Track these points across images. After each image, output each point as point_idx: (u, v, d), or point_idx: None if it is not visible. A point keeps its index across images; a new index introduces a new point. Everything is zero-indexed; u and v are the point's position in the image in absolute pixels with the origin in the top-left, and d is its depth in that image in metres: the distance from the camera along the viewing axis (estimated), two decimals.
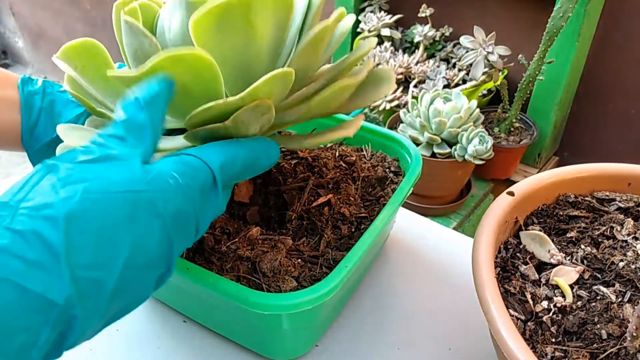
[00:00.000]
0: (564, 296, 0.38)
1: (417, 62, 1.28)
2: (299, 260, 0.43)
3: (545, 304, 0.38)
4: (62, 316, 0.25)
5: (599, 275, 0.40)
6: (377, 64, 1.29)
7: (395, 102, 1.20)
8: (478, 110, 1.06)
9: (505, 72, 1.25)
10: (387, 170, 0.52)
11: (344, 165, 0.51)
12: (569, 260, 0.41)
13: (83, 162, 0.28)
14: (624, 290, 0.38)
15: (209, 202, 0.32)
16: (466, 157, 1.03)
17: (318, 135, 0.38)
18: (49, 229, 0.25)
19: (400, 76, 1.25)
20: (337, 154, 0.52)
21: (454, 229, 1.01)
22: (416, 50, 1.32)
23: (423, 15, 1.29)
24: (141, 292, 0.29)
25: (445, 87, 1.22)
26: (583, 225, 0.44)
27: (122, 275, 0.27)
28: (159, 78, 0.30)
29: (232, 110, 0.31)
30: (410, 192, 0.48)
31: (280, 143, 0.37)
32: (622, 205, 0.46)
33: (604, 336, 0.35)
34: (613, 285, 0.39)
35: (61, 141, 0.39)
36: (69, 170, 0.27)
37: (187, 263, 0.39)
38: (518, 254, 0.43)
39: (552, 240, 0.43)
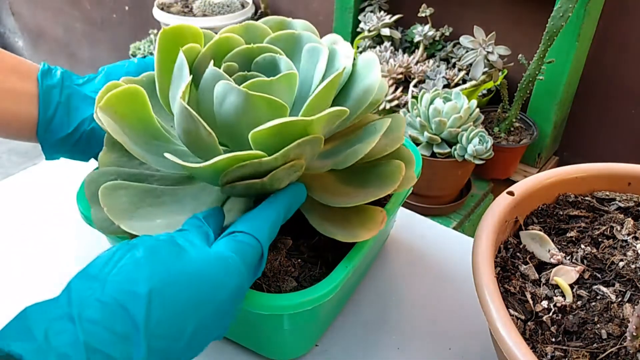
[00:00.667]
0: (564, 296, 0.38)
1: (417, 62, 1.28)
2: (299, 260, 0.43)
3: (545, 303, 0.38)
4: None
5: (599, 275, 0.40)
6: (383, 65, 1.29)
7: (395, 102, 1.20)
8: (478, 110, 1.06)
9: (505, 72, 1.25)
10: None
11: None
12: (569, 260, 0.41)
13: (161, 246, 0.32)
14: (624, 290, 0.38)
15: (255, 271, 0.35)
16: (466, 157, 1.03)
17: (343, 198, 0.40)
18: (133, 303, 0.28)
19: (400, 76, 1.25)
20: None
21: (454, 229, 1.01)
22: (416, 50, 1.32)
23: (423, 15, 1.29)
24: (195, 353, 0.32)
25: (445, 87, 1.22)
26: (583, 225, 0.44)
27: (187, 343, 0.30)
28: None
29: (265, 168, 0.36)
30: (410, 192, 0.48)
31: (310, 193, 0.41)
32: (622, 205, 0.46)
33: (604, 336, 0.35)
34: (613, 285, 0.39)
35: (76, 136, 0.45)
36: (150, 250, 0.31)
37: None
38: (518, 254, 0.43)
39: (552, 240, 0.43)
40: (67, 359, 0.26)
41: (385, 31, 1.33)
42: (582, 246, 0.42)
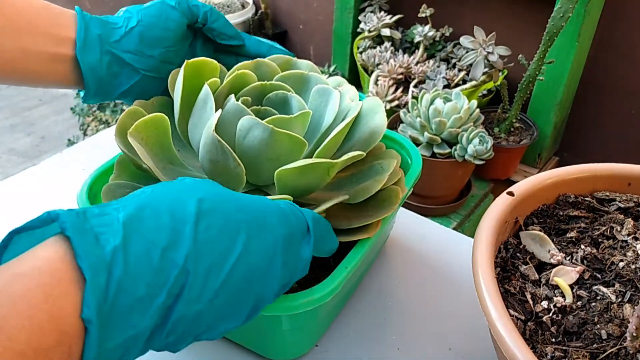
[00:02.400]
0: (564, 296, 0.38)
1: (417, 62, 1.28)
2: None
3: (545, 304, 0.38)
4: (179, 278, 0.27)
5: (599, 275, 0.40)
6: (378, 64, 1.29)
7: (396, 102, 1.20)
8: (478, 110, 1.06)
9: (505, 72, 1.25)
10: None
11: None
12: (569, 260, 0.41)
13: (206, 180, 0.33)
14: (624, 290, 0.38)
15: (303, 249, 0.34)
16: (466, 157, 1.03)
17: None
18: (182, 206, 0.29)
19: (400, 76, 1.25)
20: None
21: (454, 229, 1.01)
22: (416, 51, 1.32)
23: (423, 15, 1.29)
24: (240, 307, 0.31)
25: (445, 87, 1.22)
26: (583, 225, 0.44)
27: (234, 267, 0.29)
28: None
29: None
30: (411, 192, 0.48)
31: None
32: (622, 205, 0.46)
33: (604, 336, 0.35)
34: (613, 285, 0.39)
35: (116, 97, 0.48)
36: (195, 180, 0.32)
37: None
38: (518, 254, 0.43)
39: (552, 240, 0.43)
40: (101, 235, 0.26)
41: (386, 31, 1.33)
42: (582, 246, 0.42)
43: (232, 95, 0.42)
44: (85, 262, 0.25)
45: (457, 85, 1.22)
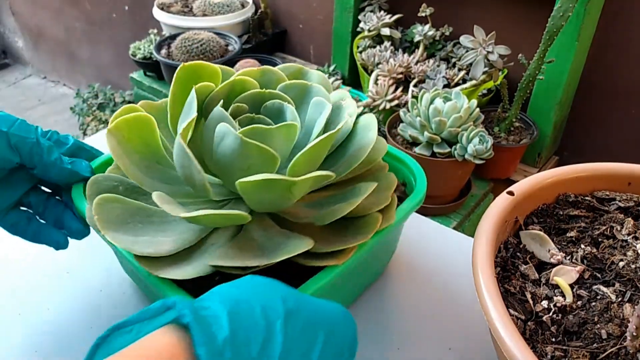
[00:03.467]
0: (564, 296, 0.38)
1: (417, 62, 1.28)
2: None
3: (545, 303, 0.38)
4: None
5: (599, 275, 0.40)
6: (378, 63, 1.29)
7: (395, 102, 1.20)
8: (478, 109, 1.06)
9: (505, 71, 1.25)
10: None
11: None
12: (569, 259, 0.41)
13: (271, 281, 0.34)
14: (624, 290, 0.38)
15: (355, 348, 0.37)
16: (466, 156, 1.03)
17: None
18: (271, 311, 0.31)
19: (400, 76, 1.25)
20: None
21: (454, 228, 1.01)
22: (416, 50, 1.32)
23: (423, 14, 1.29)
24: None
25: (445, 86, 1.22)
26: (583, 224, 0.44)
27: None
28: None
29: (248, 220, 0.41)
30: (421, 203, 0.47)
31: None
32: (622, 205, 0.46)
33: (604, 336, 0.35)
34: (613, 285, 0.39)
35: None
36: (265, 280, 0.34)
37: None
38: (518, 254, 0.43)
39: (552, 240, 0.43)
40: (212, 326, 0.28)
41: (385, 31, 1.33)
42: (582, 246, 0.42)
43: (221, 101, 0.41)
44: (202, 349, 0.27)
45: (457, 84, 1.22)
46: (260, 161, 0.38)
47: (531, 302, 0.39)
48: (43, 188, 0.48)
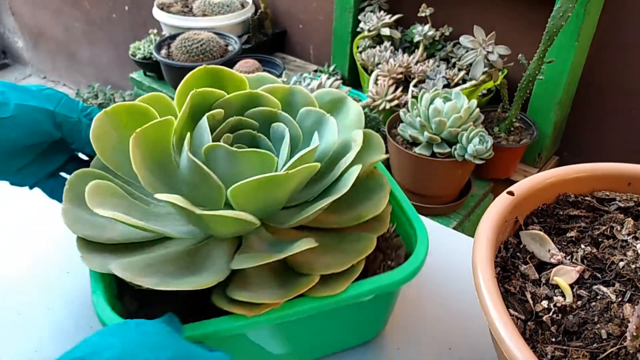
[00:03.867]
0: (564, 296, 0.38)
1: (417, 62, 1.28)
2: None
3: (545, 303, 0.38)
4: None
5: (599, 275, 0.40)
6: (378, 63, 1.29)
7: (395, 102, 1.20)
8: (478, 109, 1.06)
9: (505, 71, 1.25)
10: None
11: None
12: (569, 259, 0.41)
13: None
14: (624, 290, 0.38)
15: None
16: (466, 156, 1.03)
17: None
18: None
19: (400, 76, 1.25)
20: None
21: (454, 228, 1.01)
22: (416, 50, 1.32)
23: (423, 14, 1.29)
24: None
25: (445, 86, 1.22)
26: (583, 225, 0.44)
27: None
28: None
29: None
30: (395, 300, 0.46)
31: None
32: (622, 205, 0.46)
33: (604, 336, 0.35)
34: (613, 285, 0.39)
35: None
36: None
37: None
38: (518, 254, 0.43)
39: (552, 240, 0.43)
40: None
41: (385, 31, 1.33)
42: (582, 246, 0.42)
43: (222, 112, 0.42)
44: None
45: (456, 84, 1.22)
46: (207, 190, 0.39)
47: (531, 302, 0.39)
48: (81, 156, 0.51)
